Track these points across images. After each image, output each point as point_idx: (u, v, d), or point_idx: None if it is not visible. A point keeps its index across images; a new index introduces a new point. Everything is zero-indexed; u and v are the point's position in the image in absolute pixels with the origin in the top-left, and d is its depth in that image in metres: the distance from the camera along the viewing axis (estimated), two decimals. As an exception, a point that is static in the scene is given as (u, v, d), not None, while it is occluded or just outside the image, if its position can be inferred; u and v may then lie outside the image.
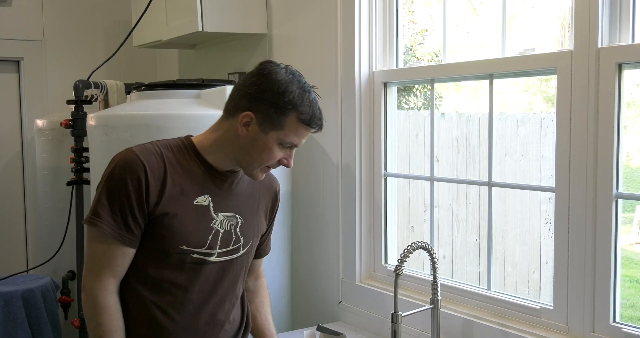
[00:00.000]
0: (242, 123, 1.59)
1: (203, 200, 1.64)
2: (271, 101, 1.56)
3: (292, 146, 1.63)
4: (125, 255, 1.59)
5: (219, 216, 1.67)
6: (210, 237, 1.65)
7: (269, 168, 1.66)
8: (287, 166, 1.66)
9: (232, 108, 1.62)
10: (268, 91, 1.56)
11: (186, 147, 1.66)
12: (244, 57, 3.17)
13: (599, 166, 1.76)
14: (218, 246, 1.67)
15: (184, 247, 1.62)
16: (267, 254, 1.95)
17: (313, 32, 2.72)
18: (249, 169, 1.64)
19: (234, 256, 1.72)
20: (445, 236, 4.22)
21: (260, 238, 1.85)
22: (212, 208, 1.65)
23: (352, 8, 2.49)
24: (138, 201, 1.56)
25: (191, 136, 1.70)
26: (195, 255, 1.63)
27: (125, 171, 1.57)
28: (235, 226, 1.71)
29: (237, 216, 1.71)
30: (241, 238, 1.72)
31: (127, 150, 1.62)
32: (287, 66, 1.63)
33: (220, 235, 1.67)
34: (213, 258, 1.67)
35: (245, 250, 1.75)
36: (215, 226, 1.66)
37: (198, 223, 1.63)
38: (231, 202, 1.70)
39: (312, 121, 1.60)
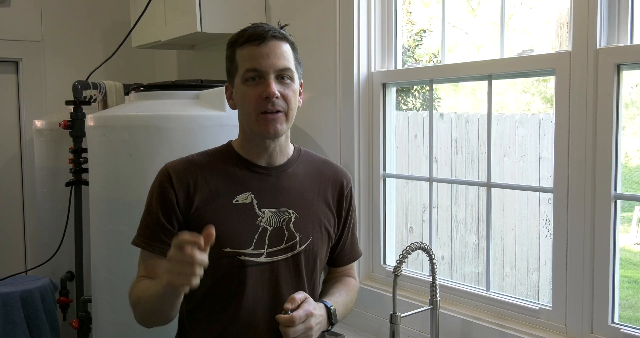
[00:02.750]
0: (227, 98, 1.64)
1: (244, 198, 1.58)
2: (226, 59, 1.61)
3: (259, 75, 1.53)
4: (162, 264, 1.51)
5: (266, 213, 1.59)
6: (256, 236, 1.57)
7: (264, 113, 1.53)
8: (270, 95, 1.51)
9: None
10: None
11: (222, 150, 1.65)
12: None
13: (597, 166, 1.76)
14: (267, 246, 1.58)
15: (228, 249, 1.55)
16: (355, 260, 1.83)
17: (312, 33, 2.72)
18: (252, 126, 1.56)
19: (290, 254, 1.61)
20: (444, 237, 4.23)
21: (337, 240, 1.74)
22: (255, 205, 1.58)
23: (350, 9, 2.49)
24: (163, 208, 1.56)
25: (232, 141, 1.69)
26: (242, 257, 1.56)
27: (154, 185, 1.60)
28: (288, 222, 1.61)
29: (289, 211, 1.62)
30: (296, 234, 1.62)
31: (162, 166, 1.64)
32: None
33: (269, 232, 1.58)
34: (262, 259, 1.57)
35: (304, 246, 1.63)
36: (262, 223, 1.58)
37: (240, 223, 1.56)
38: (280, 197, 1.62)
39: (250, 36, 1.55)
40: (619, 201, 1.76)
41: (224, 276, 1.56)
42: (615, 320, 1.78)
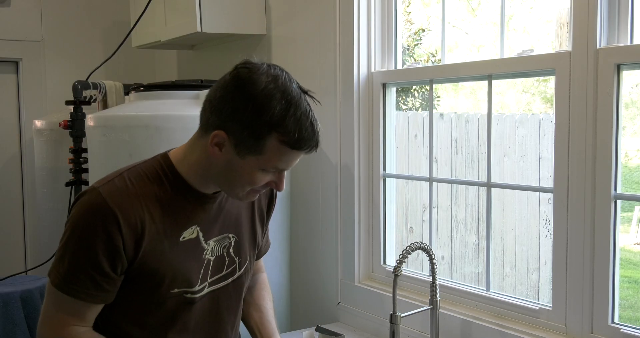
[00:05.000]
0: (212, 143, 1.32)
1: (190, 233, 1.41)
2: (245, 122, 1.27)
3: (280, 171, 1.37)
4: (94, 309, 1.39)
5: (210, 244, 1.45)
6: (202, 271, 1.44)
7: (256, 191, 1.40)
8: (278, 189, 1.39)
9: (204, 124, 1.37)
10: (240, 109, 1.27)
11: (165, 173, 1.40)
12: (243, 58, 3.16)
13: (597, 166, 1.76)
14: (209, 276, 1.46)
15: (176, 290, 1.42)
16: (266, 252, 1.74)
17: (312, 33, 2.72)
18: (233, 195, 1.41)
19: (230, 280, 1.52)
20: (444, 237, 4.23)
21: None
22: (202, 239, 1.43)
23: (350, 9, 2.49)
24: (109, 259, 1.32)
25: (169, 151, 1.45)
26: (188, 295, 1.44)
27: (94, 224, 1.31)
28: (228, 248, 1.50)
29: (229, 236, 1.50)
30: (236, 259, 1.52)
31: (93, 193, 1.33)
32: (269, 69, 1.31)
33: (212, 263, 1.46)
34: (206, 290, 1.47)
35: (242, 269, 1.55)
36: (206, 256, 1.45)
37: (188, 261, 1.42)
38: (222, 223, 1.48)
39: (300, 142, 1.30)
40: (619, 201, 1.76)
41: (171, 315, 1.44)
42: (616, 320, 1.78)
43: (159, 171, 1.40)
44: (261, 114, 1.26)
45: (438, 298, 2.05)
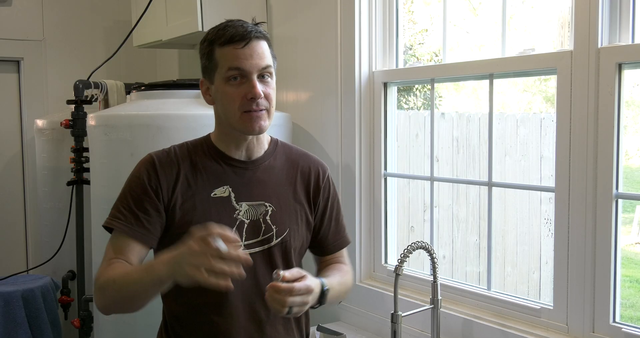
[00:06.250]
0: (203, 93, 1.66)
1: (222, 192, 1.62)
2: (201, 55, 1.63)
3: (242, 74, 1.56)
4: (136, 250, 1.55)
5: (243, 206, 1.63)
6: (234, 229, 1.59)
7: (248, 112, 1.56)
8: (256, 96, 1.55)
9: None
10: (200, 51, 1.64)
11: (201, 143, 1.68)
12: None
13: (598, 166, 1.76)
14: (244, 238, 1.61)
15: None
16: (342, 247, 1.82)
17: (313, 32, 2.72)
18: (235, 124, 1.59)
19: (266, 246, 1.64)
20: (445, 236, 4.22)
21: (317, 229, 1.74)
22: (233, 199, 1.62)
23: (352, 8, 2.49)
24: (147, 194, 1.57)
25: (210, 133, 1.71)
26: None
27: (138, 170, 1.62)
28: (265, 215, 1.64)
29: (266, 204, 1.65)
30: (273, 227, 1.65)
31: (145, 156, 1.67)
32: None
33: (246, 225, 1.62)
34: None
35: (280, 239, 1.65)
36: (239, 217, 1.62)
37: (219, 217, 1.58)
38: (257, 190, 1.65)
39: (233, 37, 1.56)
40: (620, 201, 1.76)
41: None
42: (617, 320, 1.78)
43: (198, 142, 1.69)
44: (204, 40, 1.62)
45: (439, 298, 2.05)
